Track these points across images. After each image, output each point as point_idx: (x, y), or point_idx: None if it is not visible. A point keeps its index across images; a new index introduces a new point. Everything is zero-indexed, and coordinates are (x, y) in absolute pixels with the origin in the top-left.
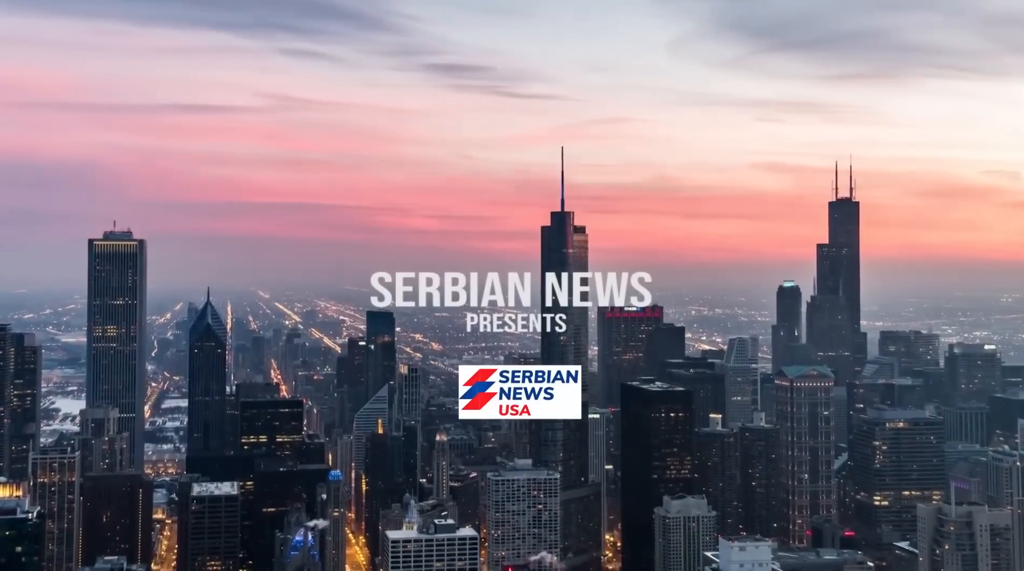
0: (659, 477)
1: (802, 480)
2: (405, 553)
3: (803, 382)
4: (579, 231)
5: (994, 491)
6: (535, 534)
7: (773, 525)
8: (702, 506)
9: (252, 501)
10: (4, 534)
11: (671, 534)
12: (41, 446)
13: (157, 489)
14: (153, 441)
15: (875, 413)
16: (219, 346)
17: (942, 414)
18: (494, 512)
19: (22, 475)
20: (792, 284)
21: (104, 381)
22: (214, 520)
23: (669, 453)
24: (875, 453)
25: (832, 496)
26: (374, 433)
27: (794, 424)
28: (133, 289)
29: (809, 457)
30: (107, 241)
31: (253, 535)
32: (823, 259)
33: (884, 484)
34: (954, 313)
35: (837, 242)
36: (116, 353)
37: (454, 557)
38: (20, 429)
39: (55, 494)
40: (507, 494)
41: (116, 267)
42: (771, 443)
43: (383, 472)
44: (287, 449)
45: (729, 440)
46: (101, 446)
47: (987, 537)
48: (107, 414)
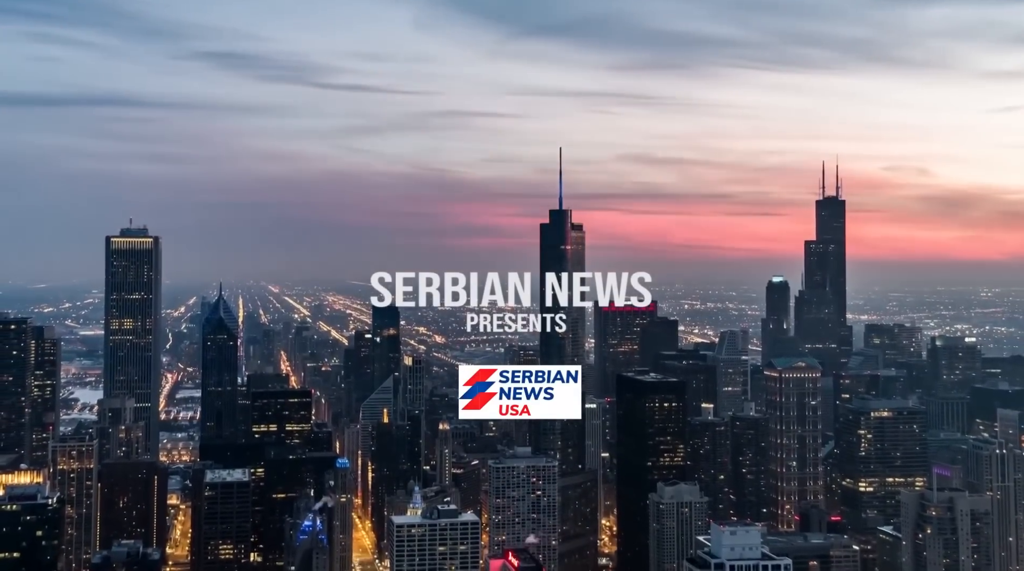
0: (653, 464)
1: (790, 467)
2: (409, 537)
3: (791, 373)
4: (576, 228)
5: (975, 478)
6: (534, 519)
7: (763, 510)
8: (694, 492)
9: (263, 487)
10: (25, 519)
11: (665, 519)
12: (60, 434)
13: (172, 476)
14: (168, 430)
15: (860, 403)
16: (231, 339)
17: (925, 404)
18: (495, 498)
19: (42, 462)
20: (781, 279)
21: (121, 372)
22: (226, 505)
23: (663, 441)
24: (860, 441)
25: (819, 482)
26: (380, 422)
27: (783, 413)
28: (148, 284)
29: (797, 445)
30: (123, 238)
31: (264, 520)
32: (811, 255)
33: (869, 471)
34: (936, 307)
35: (824, 239)
36: (132, 345)
37: (456, 541)
38: (40, 418)
39: (74, 480)
40: (507, 481)
41: (132, 263)
42: (761, 432)
43: (388, 459)
44: (296, 437)
45: (720, 429)
46: (118, 434)
47: (968, 522)
48: (124, 404)
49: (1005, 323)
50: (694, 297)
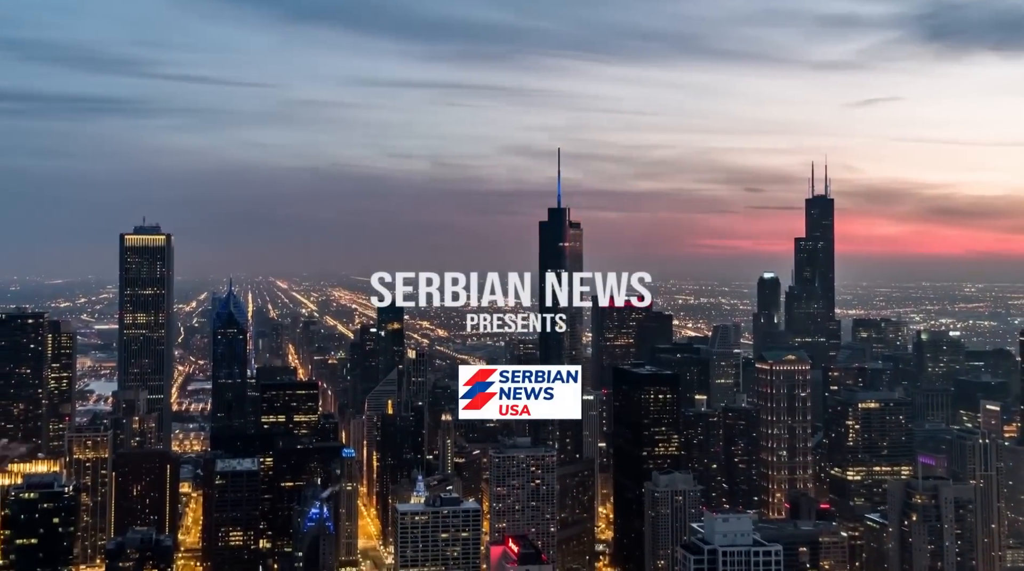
0: (648, 454)
1: (781, 457)
2: (413, 524)
3: (782, 366)
4: (574, 226)
5: (958, 467)
6: (533, 507)
7: (754, 498)
8: (688, 481)
9: (271, 476)
10: (42, 507)
11: (660, 507)
12: (76, 425)
13: (184, 465)
14: (180, 420)
15: (848, 394)
16: (241, 332)
17: (910, 395)
18: (495, 486)
19: (59, 452)
20: (772, 276)
21: (134, 365)
22: (236, 493)
23: (658, 432)
24: (848, 431)
25: (808, 471)
26: (384, 413)
27: (773, 405)
28: (161, 280)
29: (787, 435)
30: (137, 235)
31: (272, 507)
32: (800, 252)
33: (857, 460)
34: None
35: (813, 236)
36: (145, 339)
37: (458, 528)
38: (57, 409)
39: (89, 469)
40: (507, 470)
41: (145, 259)
42: (752, 422)
43: (393, 449)
44: (304, 428)
45: (713, 420)
46: (132, 425)
47: (951, 509)
48: (137, 396)
49: (988, 317)
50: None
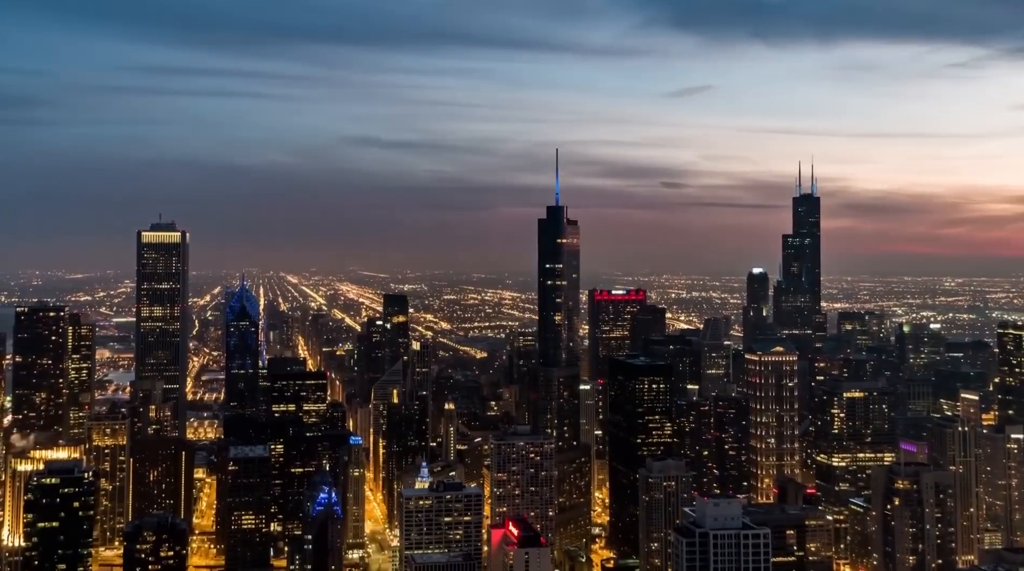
0: (643, 441)
1: (769, 444)
2: (418, 508)
3: (770, 357)
4: (572, 224)
5: (939, 453)
6: (532, 492)
7: (743, 483)
8: (680, 467)
9: (282, 462)
10: (63, 491)
11: (653, 492)
12: (96, 413)
13: (198, 451)
14: (194, 409)
15: (833, 384)
16: (252, 325)
17: (893, 384)
18: (496, 472)
19: (79, 439)
20: (761, 270)
21: (151, 356)
22: (249, 479)
23: (651, 420)
24: (834, 419)
25: (795, 458)
26: (390, 402)
27: (762, 394)
28: (176, 275)
29: (775, 423)
30: (153, 232)
31: (283, 492)
32: (788, 248)
33: (842, 447)
34: (904, 296)
35: (800, 233)
36: (161, 332)
37: (461, 512)
38: (77, 398)
39: (108, 456)
40: (508, 456)
41: (161, 255)
42: (741, 411)
43: (398, 437)
44: (313, 416)
45: (704, 408)
46: (149, 413)
47: (932, 494)
48: (154, 385)
49: (967, 310)
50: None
